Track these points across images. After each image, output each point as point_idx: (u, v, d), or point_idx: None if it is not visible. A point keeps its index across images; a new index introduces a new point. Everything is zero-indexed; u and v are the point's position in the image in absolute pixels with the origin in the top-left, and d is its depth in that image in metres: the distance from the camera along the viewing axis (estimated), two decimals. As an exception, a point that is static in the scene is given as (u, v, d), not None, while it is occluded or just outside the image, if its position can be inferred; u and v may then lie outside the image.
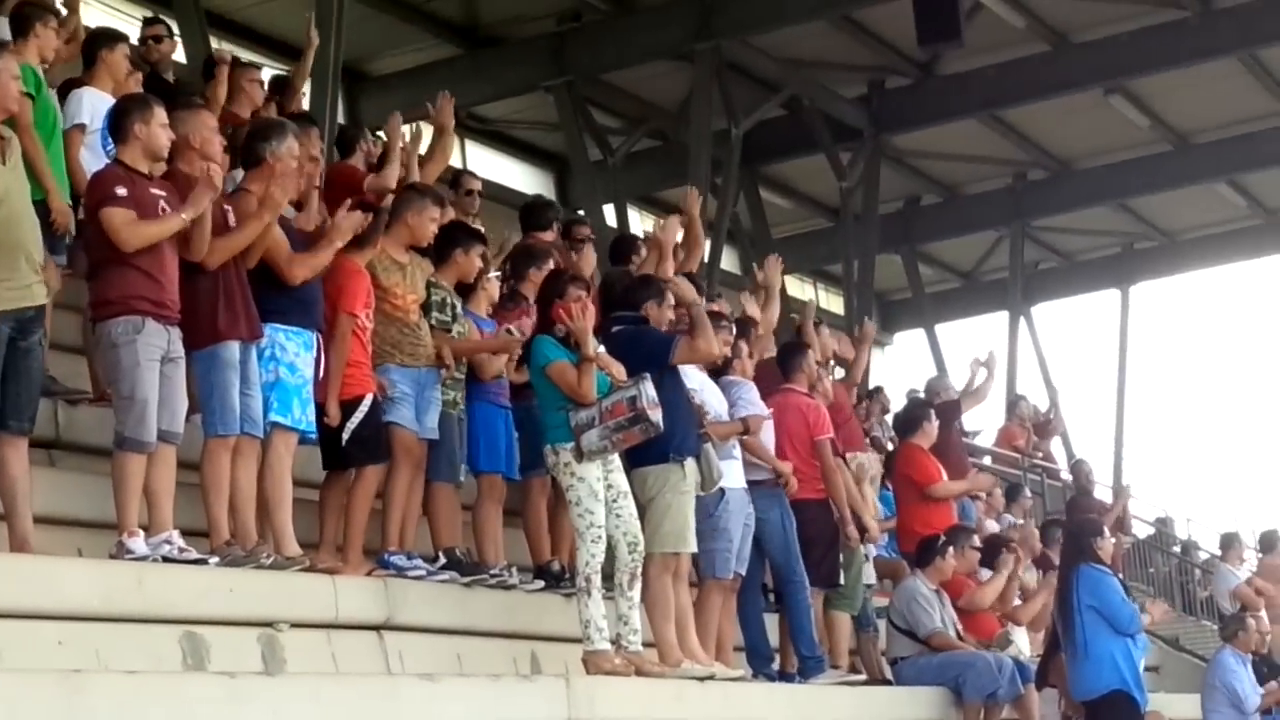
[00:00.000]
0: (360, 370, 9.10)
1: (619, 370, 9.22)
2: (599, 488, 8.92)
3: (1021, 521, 16.04)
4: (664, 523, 9.33)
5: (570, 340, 9.00)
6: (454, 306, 9.86)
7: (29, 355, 7.61)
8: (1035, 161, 26.44)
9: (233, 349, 8.29)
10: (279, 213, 8.50)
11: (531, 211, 12.28)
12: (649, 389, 8.93)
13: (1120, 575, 12.60)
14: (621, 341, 9.58)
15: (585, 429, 8.85)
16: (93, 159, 9.35)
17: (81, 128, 9.63)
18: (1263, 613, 16.52)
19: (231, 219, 8.41)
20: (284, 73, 14.40)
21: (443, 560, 9.46)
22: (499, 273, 11.11)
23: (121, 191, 7.86)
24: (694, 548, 9.58)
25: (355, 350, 9.08)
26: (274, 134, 8.97)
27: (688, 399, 9.68)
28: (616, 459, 9.07)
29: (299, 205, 9.55)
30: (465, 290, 10.13)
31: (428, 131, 11.79)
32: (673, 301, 9.84)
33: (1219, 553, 19.16)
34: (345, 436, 8.98)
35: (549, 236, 11.86)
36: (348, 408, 8.99)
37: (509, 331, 10.10)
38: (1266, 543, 18.55)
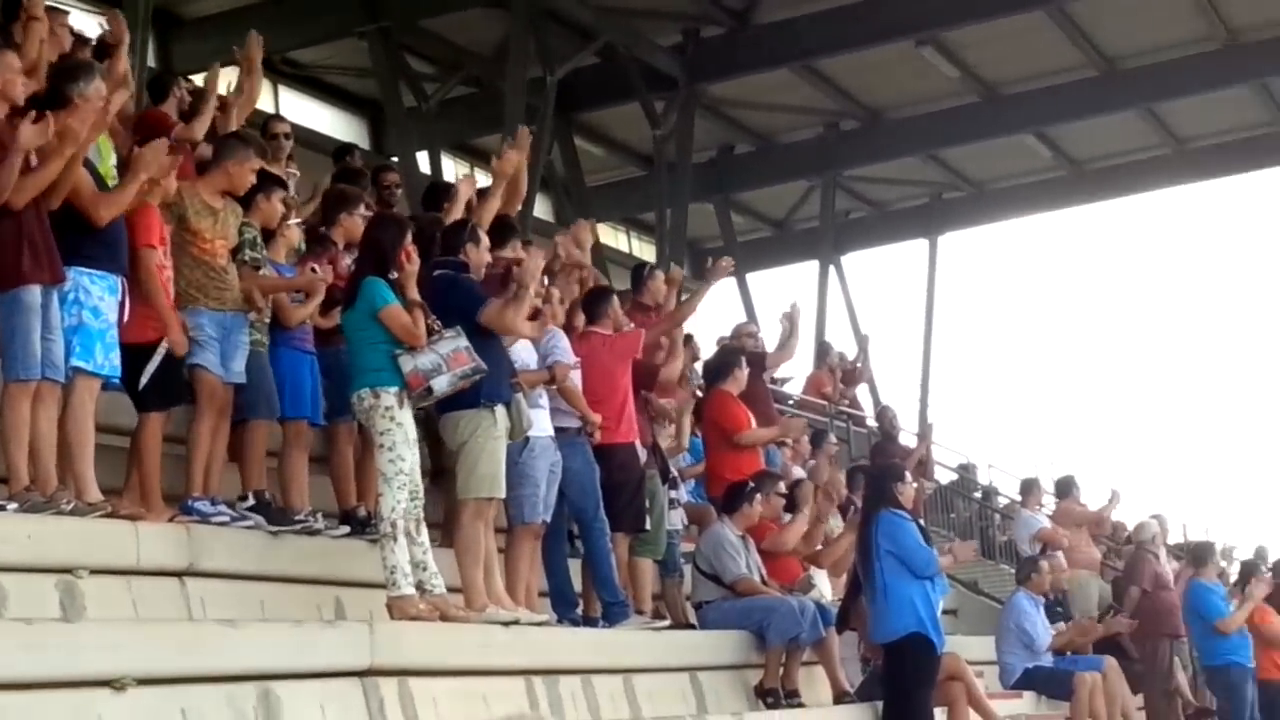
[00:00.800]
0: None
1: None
2: (412, 435, 8.96)
3: (826, 477, 16.19)
4: (477, 467, 9.41)
5: (397, 285, 9.03)
6: (263, 247, 9.86)
7: None
8: (847, 112, 26.71)
9: (34, 293, 8.19)
10: (78, 146, 8.35)
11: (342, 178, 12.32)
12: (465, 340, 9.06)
13: (922, 520, 12.83)
14: (440, 287, 9.60)
15: (434, 375, 8.91)
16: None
17: None
18: (1060, 555, 16.90)
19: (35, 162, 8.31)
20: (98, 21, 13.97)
21: (251, 501, 9.44)
22: (299, 220, 11.05)
23: None
24: (504, 493, 9.67)
25: (155, 291, 9.02)
26: (81, 74, 8.87)
27: (501, 346, 9.74)
28: None
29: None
30: (265, 237, 10.06)
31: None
32: (488, 244, 9.96)
33: (1019, 498, 19.55)
34: (143, 381, 8.93)
35: None
36: (147, 351, 8.90)
37: (314, 271, 10.07)
38: (1062, 488, 18.96)
